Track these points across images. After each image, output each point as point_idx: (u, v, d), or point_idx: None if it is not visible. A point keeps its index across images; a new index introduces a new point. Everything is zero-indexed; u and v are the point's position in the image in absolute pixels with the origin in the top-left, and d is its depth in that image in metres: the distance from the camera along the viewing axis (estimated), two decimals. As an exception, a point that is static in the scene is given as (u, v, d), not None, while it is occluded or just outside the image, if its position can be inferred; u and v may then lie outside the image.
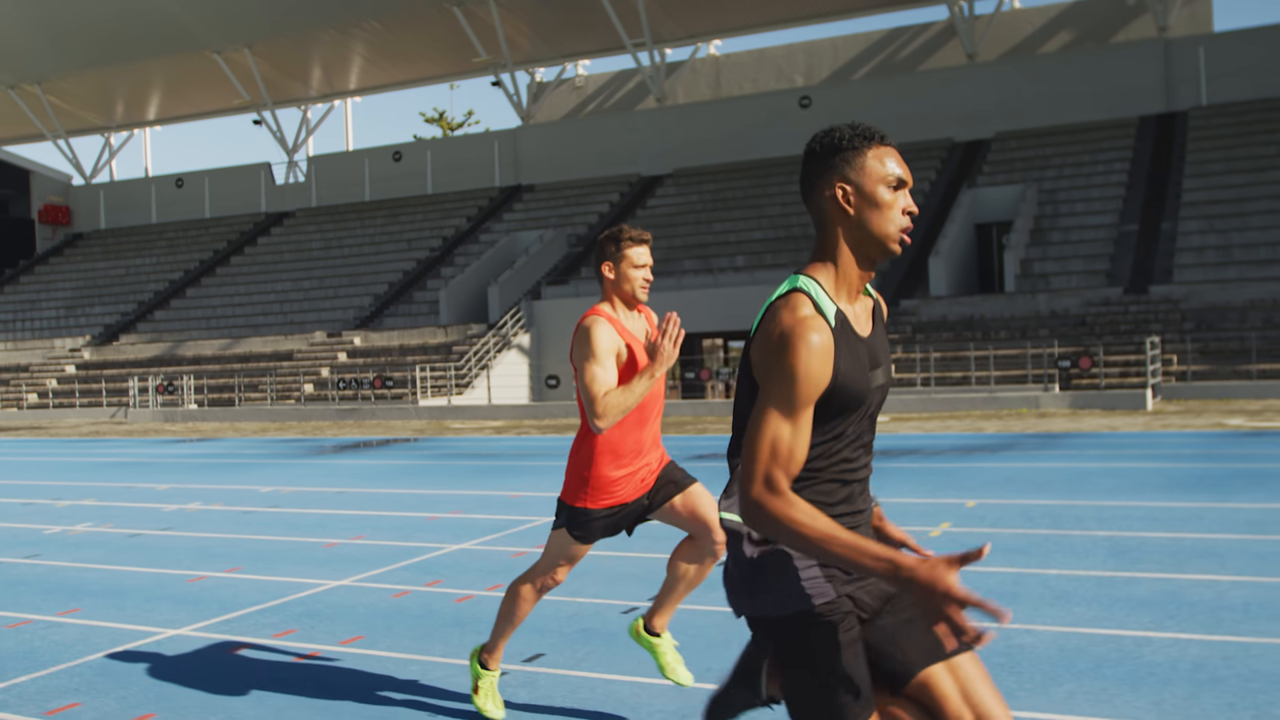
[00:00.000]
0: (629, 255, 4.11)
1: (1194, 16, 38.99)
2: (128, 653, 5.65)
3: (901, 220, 2.41)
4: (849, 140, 2.40)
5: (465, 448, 17.98)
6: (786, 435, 2.29)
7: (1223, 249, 27.63)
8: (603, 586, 6.82)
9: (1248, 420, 16.76)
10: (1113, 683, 4.49)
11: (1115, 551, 7.20)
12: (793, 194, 37.00)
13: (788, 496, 2.26)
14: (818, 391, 2.30)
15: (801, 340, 2.27)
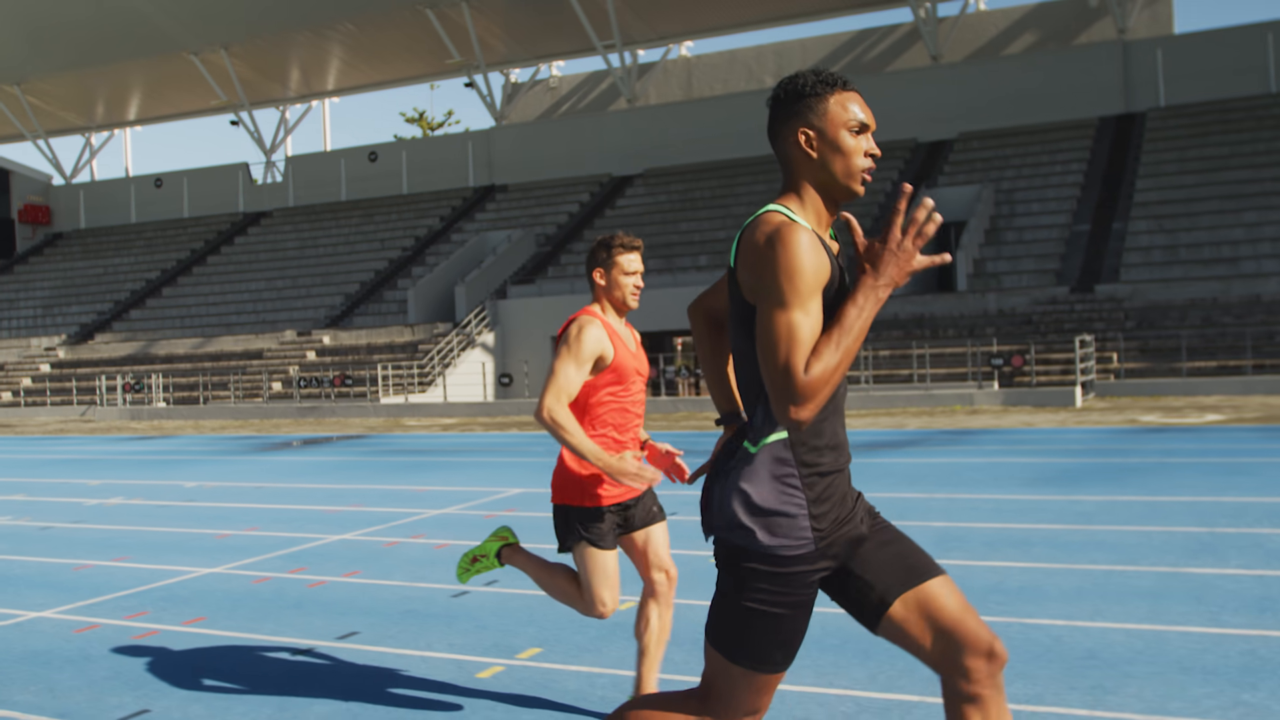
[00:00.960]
0: (620, 262, 4.13)
1: (1155, 18, 39.50)
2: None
3: (864, 162, 2.46)
4: (812, 86, 2.46)
5: (406, 444, 18.45)
6: (804, 323, 2.29)
7: (1169, 249, 28.14)
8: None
9: (1162, 417, 17.26)
10: (888, 662, 4.97)
11: (939, 540, 7.68)
12: (759, 194, 37.50)
13: (813, 369, 2.27)
14: (820, 281, 2.33)
15: (791, 236, 2.31)
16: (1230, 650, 4.77)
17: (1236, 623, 5.20)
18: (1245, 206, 29.05)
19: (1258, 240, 27.43)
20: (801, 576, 2.45)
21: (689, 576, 6.58)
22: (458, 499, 11.00)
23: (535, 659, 5.16)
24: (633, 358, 4.16)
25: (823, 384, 2.26)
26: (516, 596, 6.54)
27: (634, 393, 4.19)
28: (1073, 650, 4.86)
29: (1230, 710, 4.02)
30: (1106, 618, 5.38)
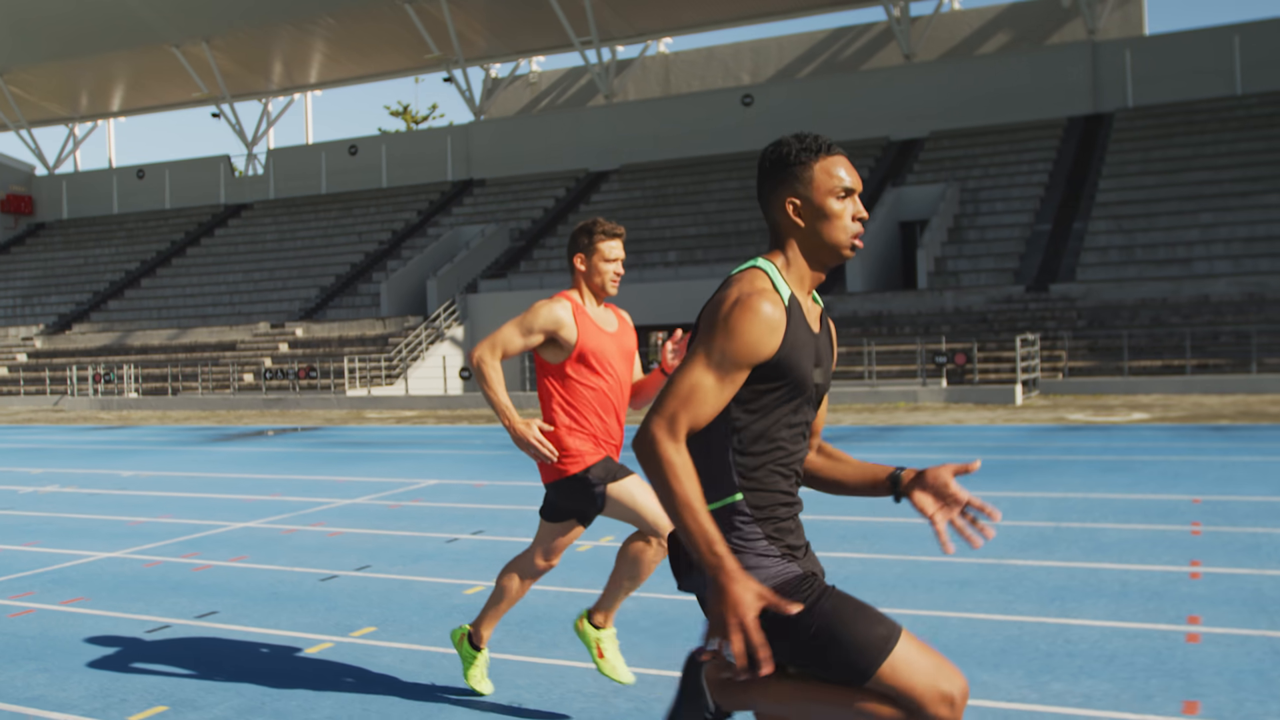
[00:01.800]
0: (601, 249, 4.17)
1: (1127, 19, 39.86)
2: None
3: (852, 227, 2.49)
4: (796, 154, 2.49)
5: (356, 437, 18.83)
6: (708, 387, 2.34)
7: (1126, 249, 28.52)
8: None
9: (1090, 415, 17.66)
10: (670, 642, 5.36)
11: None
12: (731, 190, 37.86)
13: (680, 443, 2.32)
14: (752, 359, 2.36)
15: (753, 306, 2.35)
16: (995, 635, 5.16)
17: (1021, 609, 5.60)
18: (1202, 208, 29.43)
19: (1211, 242, 27.81)
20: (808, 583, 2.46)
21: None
22: (372, 489, 11.38)
23: (366, 636, 5.55)
24: (610, 340, 4.19)
25: (660, 459, 2.30)
26: (378, 581, 6.93)
27: (610, 377, 4.19)
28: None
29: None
30: (908, 605, 5.76)
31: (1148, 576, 6.23)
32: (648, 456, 2.32)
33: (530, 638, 5.42)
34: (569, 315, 4.10)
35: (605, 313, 4.27)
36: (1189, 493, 9.23)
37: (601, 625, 4.36)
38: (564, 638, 5.38)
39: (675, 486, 2.28)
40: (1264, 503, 8.60)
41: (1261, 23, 35.53)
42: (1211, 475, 10.26)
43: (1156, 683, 4.37)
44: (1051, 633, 5.13)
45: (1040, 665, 4.65)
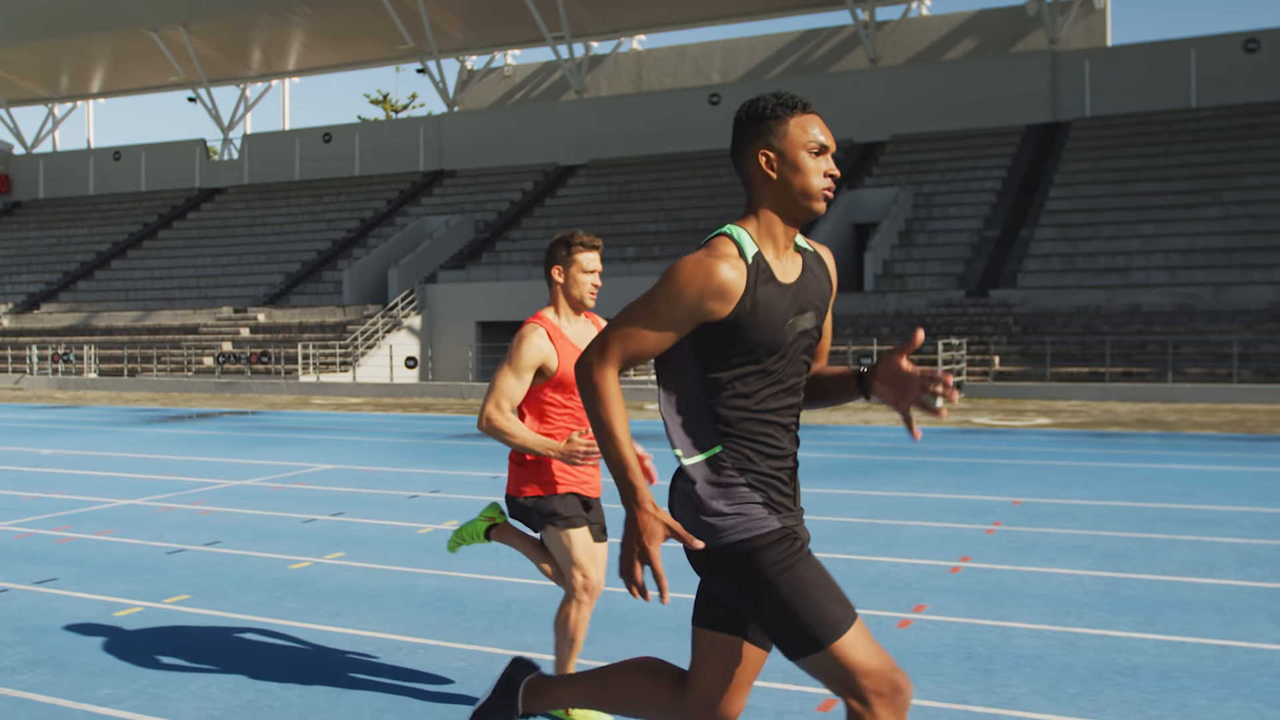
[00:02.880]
0: (579, 260, 4.15)
1: (1090, 30, 40.41)
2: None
3: (823, 182, 2.54)
4: (773, 109, 2.54)
5: (288, 421, 19.33)
6: (645, 329, 2.47)
7: (1068, 257, 29.12)
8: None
9: (993, 419, 18.24)
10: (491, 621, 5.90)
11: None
12: (694, 188, 38.39)
13: (610, 373, 2.46)
14: (694, 312, 2.45)
15: (707, 267, 2.44)
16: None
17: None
18: (1146, 218, 30.04)
19: (1150, 252, 28.41)
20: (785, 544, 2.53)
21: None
22: (266, 472, 11.90)
23: (177, 603, 6.08)
24: None
25: (587, 383, 2.49)
26: (218, 555, 7.46)
27: None
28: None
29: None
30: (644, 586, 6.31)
31: (909, 569, 6.79)
32: (583, 382, 2.48)
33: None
34: (549, 344, 4.07)
35: (584, 327, 4.25)
36: (1019, 494, 9.79)
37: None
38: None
39: (601, 413, 2.44)
40: (1079, 505, 9.16)
41: (1217, 37, 36.12)
42: (1057, 479, 10.82)
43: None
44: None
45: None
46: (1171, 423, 17.20)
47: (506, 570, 6.83)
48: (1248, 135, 33.37)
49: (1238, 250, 27.69)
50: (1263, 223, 28.69)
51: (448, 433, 16.88)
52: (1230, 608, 5.77)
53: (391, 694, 4.50)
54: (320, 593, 6.30)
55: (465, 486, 10.67)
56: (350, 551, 7.51)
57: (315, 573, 6.86)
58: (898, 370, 2.59)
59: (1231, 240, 28.23)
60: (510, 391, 4.02)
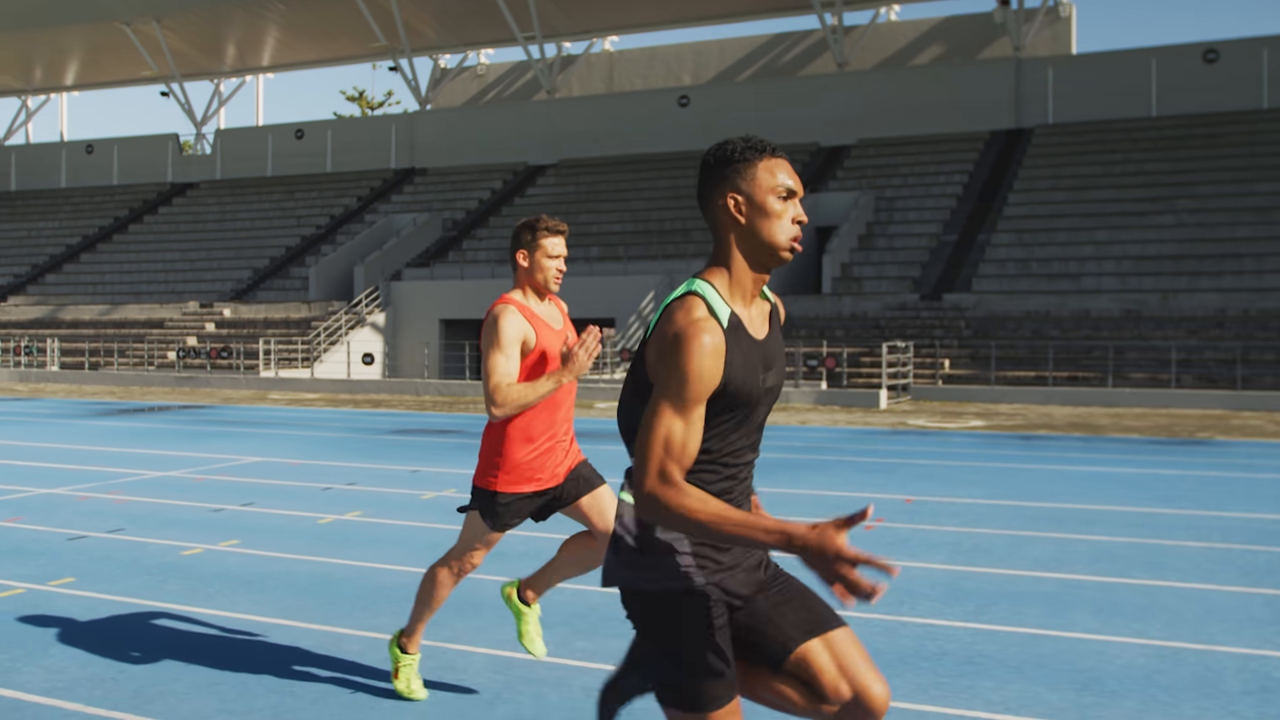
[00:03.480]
0: (544, 245, 4.18)
1: (1055, 38, 40.83)
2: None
3: (791, 229, 2.51)
4: (740, 152, 2.51)
5: (236, 416, 19.54)
6: (679, 431, 2.37)
7: (1023, 262, 29.50)
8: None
9: (930, 421, 18.58)
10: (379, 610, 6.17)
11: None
12: (660, 189, 38.68)
13: (681, 487, 2.34)
14: (709, 390, 2.39)
15: (695, 340, 2.35)
16: (560, 604, 5.99)
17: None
18: (1100, 225, 30.44)
19: (1103, 259, 28.81)
20: (700, 608, 2.53)
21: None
22: (192, 464, 12.13)
23: (61, 586, 6.33)
24: (558, 337, 4.22)
25: (666, 508, 2.34)
26: (116, 542, 7.71)
27: None
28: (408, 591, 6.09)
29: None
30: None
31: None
32: (663, 517, 2.35)
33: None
34: (523, 319, 4.12)
35: (550, 308, 4.31)
36: (915, 493, 10.10)
37: (530, 603, 4.53)
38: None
39: (704, 520, 2.30)
40: (968, 504, 9.48)
41: (1177, 47, 36.59)
42: (959, 478, 11.14)
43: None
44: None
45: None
46: (1102, 426, 17.56)
47: (382, 558, 7.10)
48: (1205, 144, 33.84)
49: (1187, 258, 28.10)
50: (1213, 231, 29.12)
51: (388, 428, 17.14)
52: (1060, 600, 6.08)
53: (233, 670, 4.76)
54: (201, 577, 6.56)
55: (382, 479, 10.92)
56: (246, 539, 7.77)
57: (204, 558, 7.12)
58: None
59: (1182, 248, 28.64)
60: (508, 370, 4.04)
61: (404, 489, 10.25)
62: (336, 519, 8.63)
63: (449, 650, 5.07)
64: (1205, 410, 20.85)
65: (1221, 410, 20.87)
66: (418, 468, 11.83)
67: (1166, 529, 8.24)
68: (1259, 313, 25.28)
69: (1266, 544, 7.65)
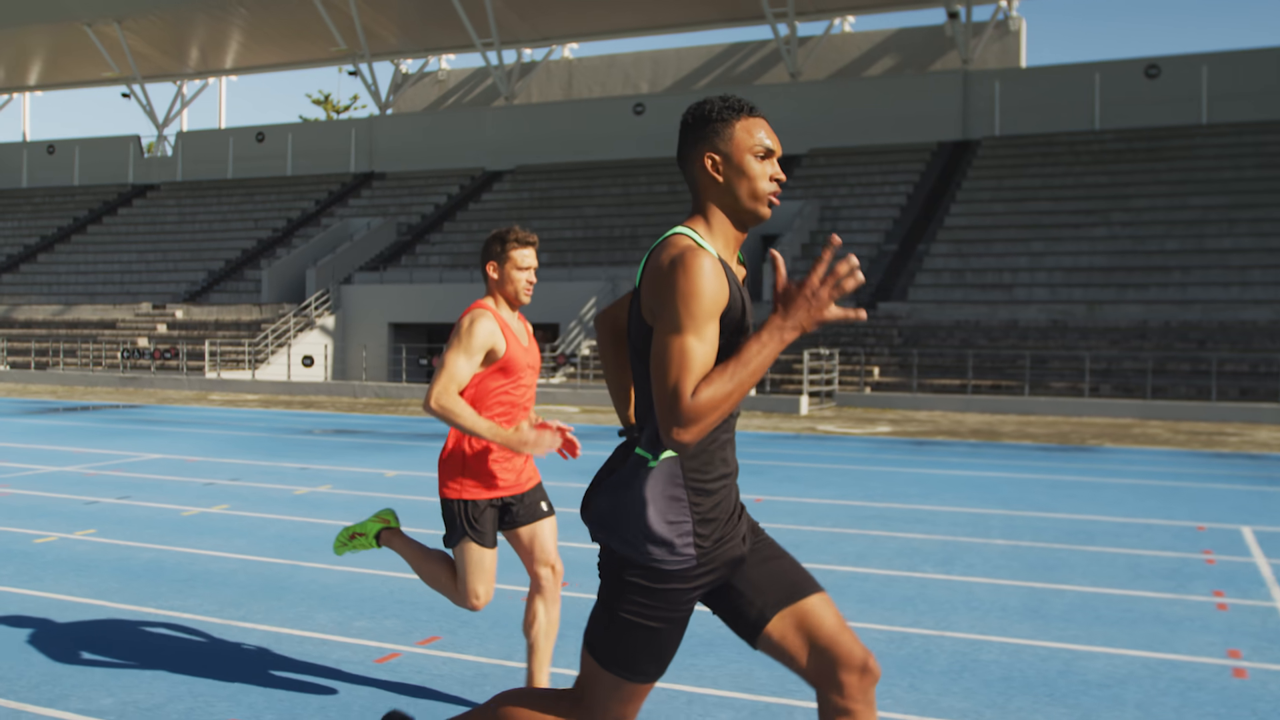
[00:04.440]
0: (514, 257, 4.17)
1: (1005, 51, 41.49)
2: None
3: (769, 186, 2.52)
4: (718, 112, 2.52)
5: (165, 416, 19.87)
6: (697, 348, 2.33)
7: (959, 272, 30.07)
8: None
9: (840, 427, 19.08)
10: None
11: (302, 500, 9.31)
12: (613, 196, 39.14)
13: (699, 392, 2.32)
14: (717, 308, 2.38)
15: (694, 261, 2.36)
16: (397, 593, 6.42)
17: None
18: (1037, 236, 31.05)
19: (1035, 269, 29.41)
20: (679, 594, 2.53)
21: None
22: (94, 459, 12.50)
23: (-99, 572, 6.71)
24: (524, 352, 4.21)
25: (709, 410, 2.31)
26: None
27: (523, 386, 4.23)
28: (265, 577, 6.50)
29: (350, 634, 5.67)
30: (308, 560, 7.02)
31: (586, 553, 7.53)
32: (705, 422, 2.32)
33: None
34: (497, 327, 4.11)
35: (518, 322, 4.32)
36: (768, 494, 10.57)
37: None
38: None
39: (735, 390, 2.33)
40: (811, 504, 9.94)
41: (1120, 62, 37.30)
42: (818, 480, 11.61)
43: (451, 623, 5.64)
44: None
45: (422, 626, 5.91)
46: (1003, 433, 18.09)
47: (224, 547, 7.51)
48: (1145, 158, 34.52)
49: (1117, 270, 28.73)
50: (1144, 243, 29.76)
51: (304, 428, 17.52)
52: (835, 590, 6.53)
53: (28, 647, 5.17)
54: (42, 564, 6.95)
55: (267, 476, 11.31)
56: (102, 529, 8.16)
57: (54, 546, 7.51)
58: (790, 287, 2.47)
59: (1112, 260, 29.27)
60: (461, 374, 4.01)
61: (282, 485, 10.64)
62: (201, 512, 9.02)
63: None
64: (1114, 419, 21.42)
65: (1130, 419, 21.44)
66: (308, 465, 12.23)
67: (983, 528, 8.72)
68: (1179, 324, 25.90)
69: (1067, 543, 8.13)
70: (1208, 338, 25.22)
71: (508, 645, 5.22)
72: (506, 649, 5.16)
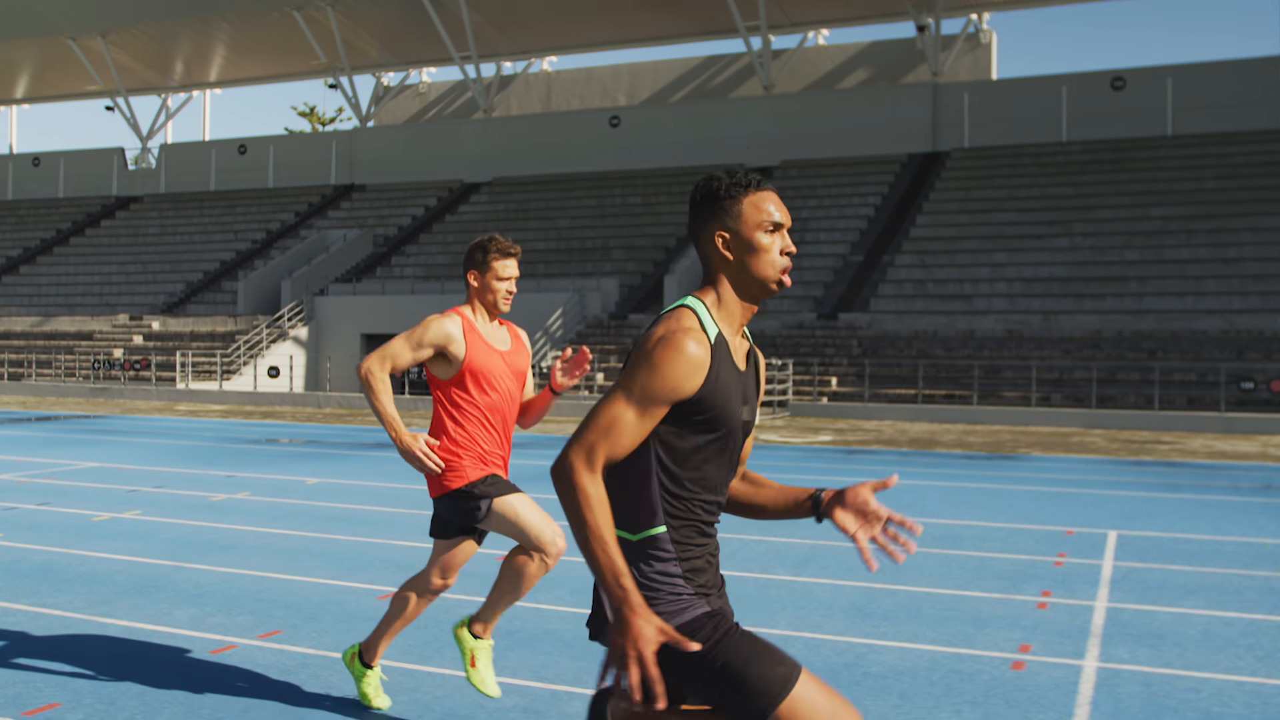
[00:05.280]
0: (495, 266, 4.23)
1: (976, 63, 42.00)
2: None
3: (780, 261, 2.53)
4: (726, 189, 2.53)
5: (123, 426, 20.24)
6: (628, 421, 2.39)
7: (919, 283, 30.48)
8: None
9: (783, 437, 19.46)
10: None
11: (265, 510, 9.69)
12: (587, 208, 39.58)
13: (596, 475, 2.36)
14: (673, 396, 2.39)
15: (676, 344, 2.38)
16: (271, 591, 6.79)
17: (321, 573, 7.24)
18: (999, 247, 31.48)
19: (996, 280, 29.83)
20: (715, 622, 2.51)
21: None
22: (30, 468, 12.87)
23: None
24: (499, 358, 4.25)
25: (570, 493, 2.36)
26: (-118, 537, 8.44)
27: (500, 396, 4.26)
28: (123, 575, 6.88)
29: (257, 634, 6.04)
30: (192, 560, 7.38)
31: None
32: (564, 484, 2.36)
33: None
34: (459, 331, 4.17)
35: (500, 330, 4.35)
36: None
37: (480, 635, 4.44)
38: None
39: (587, 516, 2.33)
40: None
41: (1087, 74, 37.78)
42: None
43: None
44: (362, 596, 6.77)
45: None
46: (940, 442, 18.47)
47: (120, 550, 7.88)
48: (1110, 169, 34.96)
49: (1075, 280, 29.15)
50: (1104, 254, 30.18)
51: (253, 438, 17.89)
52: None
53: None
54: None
55: (191, 483, 11.68)
56: (10, 534, 8.52)
57: (-44, 552, 7.87)
58: (866, 504, 2.61)
59: (1071, 270, 29.69)
60: (397, 355, 4.12)
61: (202, 491, 11.01)
62: (113, 517, 9.39)
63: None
64: (1059, 428, 21.81)
65: (1075, 427, 21.83)
66: (235, 473, 12.60)
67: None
68: (1132, 334, 26.31)
69: (926, 546, 8.49)
70: (1159, 347, 25.63)
71: (341, 640, 5.58)
72: (336, 642, 5.52)
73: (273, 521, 9.30)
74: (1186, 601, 6.69)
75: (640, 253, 35.54)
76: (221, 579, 6.98)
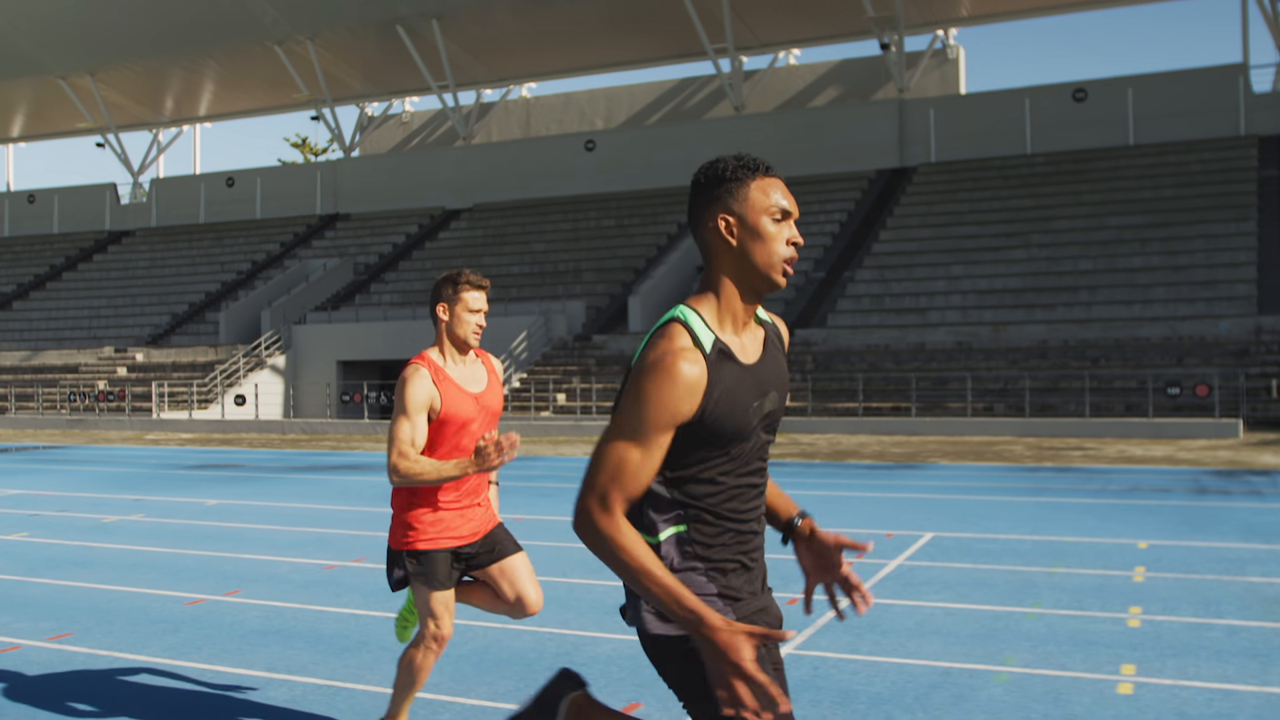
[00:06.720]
0: (464, 299, 4.15)
1: (944, 78, 42.59)
2: None
3: (785, 251, 2.40)
4: (733, 171, 2.39)
5: (78, 455, 20.95)
6: (633, 458, 2.29)
7: (877, 298, 31.01)
8: None
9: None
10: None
11: (163, 531, 10.32)
12: (562, 231, 40.28)
13: (617, 519, 2.28)
14: (672, 421, 2.29)
15: (667, 369, 2.27)
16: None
17: (147, 583, 7.86)
18: (957, 260, 31.99)
19: (951, 293, 30.34)
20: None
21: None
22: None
23: None
24: (471, 403, 4.17)
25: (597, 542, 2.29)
26: None
27: (471, 440, 4.21)
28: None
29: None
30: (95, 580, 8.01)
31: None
32: (589, 537, 2.30)
33: None
34: (431, 385, 4.09)
35: (472, 366, 4.28)
36: (524, 512, 11.52)
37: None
38: None
39: (624, 559, 2.26)
40: (565, 521, 10.87)
41: (1049, 87, 38.31)
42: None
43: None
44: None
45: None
46: (859, 454, 19.00)
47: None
48: (1072, 180, 35.42)
49: (1028, 291, 29.64)
50: (1059, 264, 30.67)
51: (190, 464, 18.55)
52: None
53: None
54: None
55: (95, 507, 12.33)
56: (-109, 559, 9.18)
57: None
58: (830, 555, 2.59)
59: (1026, 281, 30.18)
60: (407, 438, 4.01)
61: (96, 514, 11.66)
62: (22, 539, 10.02)
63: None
64: (993, 436, 22.30)
65: (1010, 436, 22.33)
66: (143, 497, 13.25)
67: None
68: (1078, 343, 26.79)
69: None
70: (1103, 355, 26.10)
71: (128, 640, 6.19)
72: (119, 643, 6.13)
73: (145, 540, 9.93)
74: (944, 595, 7.24)
75: (610, 274, 36.19)
76: (54, 591, 7.61)
